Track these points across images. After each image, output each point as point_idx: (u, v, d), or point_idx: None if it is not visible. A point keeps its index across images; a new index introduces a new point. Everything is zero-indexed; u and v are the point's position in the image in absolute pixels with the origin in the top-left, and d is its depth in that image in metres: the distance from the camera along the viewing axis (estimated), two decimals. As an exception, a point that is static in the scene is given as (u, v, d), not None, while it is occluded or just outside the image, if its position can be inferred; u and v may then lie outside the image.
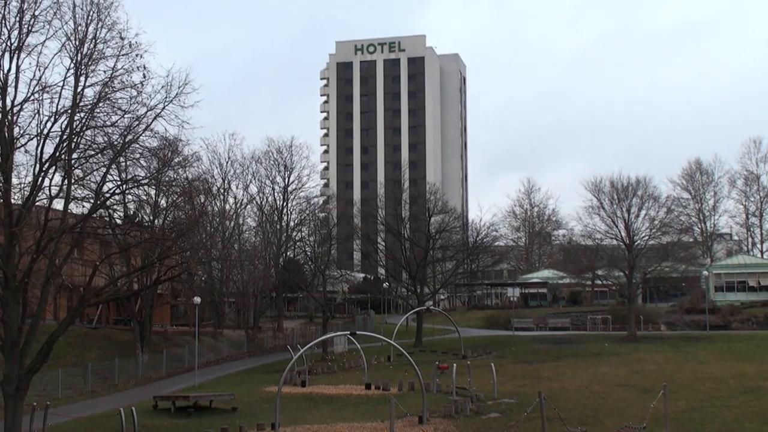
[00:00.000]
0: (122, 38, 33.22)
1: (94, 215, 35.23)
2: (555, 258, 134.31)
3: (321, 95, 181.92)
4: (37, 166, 32.28)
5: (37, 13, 31.59)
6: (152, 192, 45.01)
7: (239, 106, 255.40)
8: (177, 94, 35.22)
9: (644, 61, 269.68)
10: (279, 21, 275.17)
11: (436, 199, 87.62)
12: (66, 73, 32.83)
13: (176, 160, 39.53)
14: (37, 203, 32.65)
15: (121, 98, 34.34)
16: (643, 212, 73.57)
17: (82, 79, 33.05)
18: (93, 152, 34.27)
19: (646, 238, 73.62)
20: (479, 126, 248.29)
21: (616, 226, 72.91)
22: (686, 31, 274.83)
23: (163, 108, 35.30)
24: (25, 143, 32.25)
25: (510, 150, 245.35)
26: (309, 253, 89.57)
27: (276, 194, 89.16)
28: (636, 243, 72.62)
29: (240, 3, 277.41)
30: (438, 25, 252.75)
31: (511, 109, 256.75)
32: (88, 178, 34.59)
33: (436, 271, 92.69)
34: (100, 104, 33.61)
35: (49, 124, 32.51)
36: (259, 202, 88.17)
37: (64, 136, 32.68)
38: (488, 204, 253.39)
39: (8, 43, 31.29)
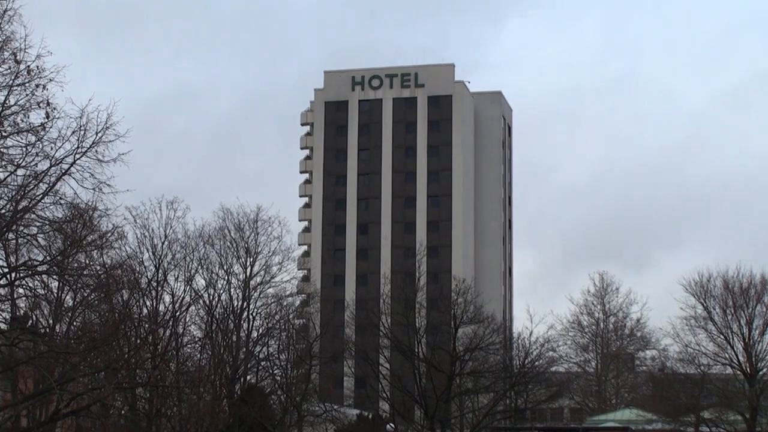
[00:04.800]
0: (17, 61, 33.65)
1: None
2: (640, 392, 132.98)
3: (301, 148, 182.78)
4: None
5: None
6: (53, 284, 44.98)
7: (188, 162, 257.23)
8: (94, 142, 35.58)
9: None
10: (256, 51, 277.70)
11: (465, 301, 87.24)
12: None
13: (90, 239, 39.64)
14: None
15: (13, 147, 34.61)
16: (771, 326, 73.27)
17: (-44, 119, 33.36)
18: (-32, 225, 34.40)
19: (776, 364, 73.18)
20: (535, 197, 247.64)
21: (732, 347, 72.57)
22: None
23: (74, 162, 35.60)
24: None
25: (585, 233, 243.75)
26: (279, 378, 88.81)
27: (233, 291, 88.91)
28: (761, 372, 72.12)
29: (223, 29, 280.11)
30: (507, 59, 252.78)
31: (596, 176, 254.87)
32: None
33: (464, 407, 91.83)
34: (-18, 156, 33.85)
35: None
36: (207, 302, 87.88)
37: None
38: (542, 310, 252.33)
39: None
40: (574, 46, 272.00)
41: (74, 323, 49.12)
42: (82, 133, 35.42)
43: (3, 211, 35.01)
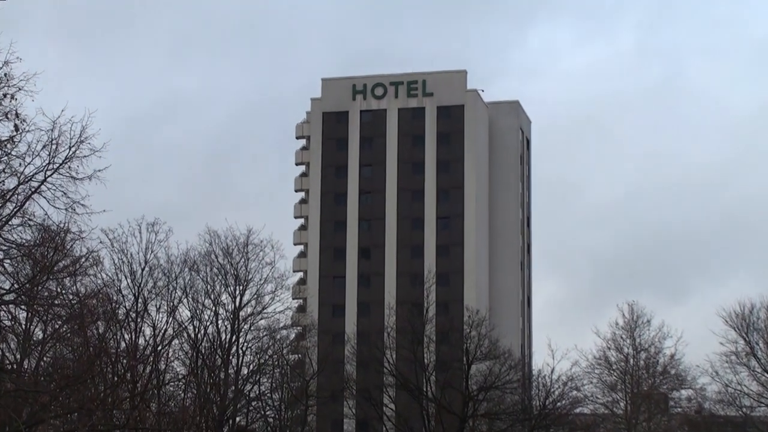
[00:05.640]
0: (-18, 68, 33.74)
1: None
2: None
3: (297, 164, 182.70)
4: None
5: None
6: (21, 315, 44.97)
7: (174, 179, 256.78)
8: (67, 157, 35.63)
9: None
10: (255, 58, 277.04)
11: (479, 335, 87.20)
12: None
13: (62, 264, 39.66)
14: None
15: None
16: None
17: None
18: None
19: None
20: (557, 219, 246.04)
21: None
22: None
23: (45, 179, 35.64)
24: None
25: (615, 259, 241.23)
26: (271, 420, 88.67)
27: (221, 322, 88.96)
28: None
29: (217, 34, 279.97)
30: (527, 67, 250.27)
31: (629, 196, 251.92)
32: None
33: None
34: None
35: None
36: (192, 335, 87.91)
37: None
38: (566, 344, 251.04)
39: None
40: (607, 52, 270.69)
41: (44, 358, 49.07)
42: (53, 147, 35.51)
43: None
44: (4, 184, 35.50)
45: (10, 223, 35.84)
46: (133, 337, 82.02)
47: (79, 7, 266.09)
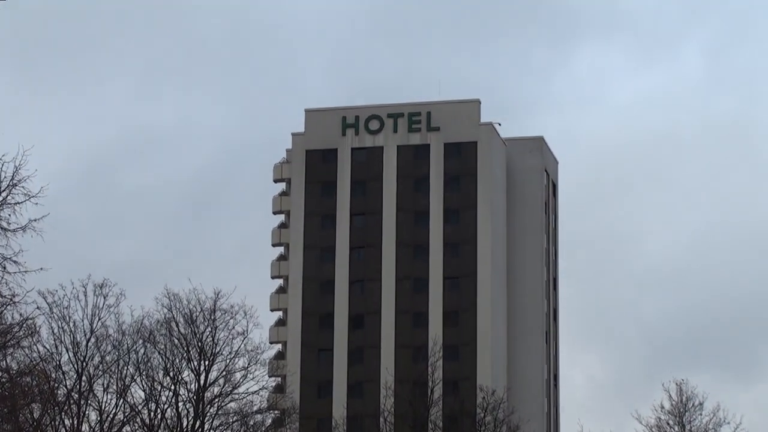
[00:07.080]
0: None
1: None
2: None
3: (275, 213, 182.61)
4: None
5: None
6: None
7: (134, 230, 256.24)
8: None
9: None
10: (237, 88, 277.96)
11: (496, 420, 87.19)
12: None
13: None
14: None
15: None
16: None
17: None
18: None
19: None
20: (592, 280, 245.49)
21: None
22: None
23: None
24: None
25: (666, 330, 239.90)
26: None
27: (181, 405, 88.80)
28: None
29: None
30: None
31: (688, 252, 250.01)
32: None
33: None
34: None
35: None
36: (147, 421, 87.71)
37: None
38: (600, 431, 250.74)
39: None
40: (666, 79, 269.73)
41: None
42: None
43: None
44: None
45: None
46: (75, 422, 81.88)
47: (29, 25, 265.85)
